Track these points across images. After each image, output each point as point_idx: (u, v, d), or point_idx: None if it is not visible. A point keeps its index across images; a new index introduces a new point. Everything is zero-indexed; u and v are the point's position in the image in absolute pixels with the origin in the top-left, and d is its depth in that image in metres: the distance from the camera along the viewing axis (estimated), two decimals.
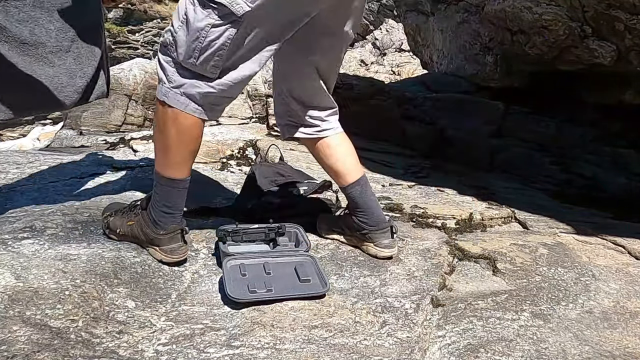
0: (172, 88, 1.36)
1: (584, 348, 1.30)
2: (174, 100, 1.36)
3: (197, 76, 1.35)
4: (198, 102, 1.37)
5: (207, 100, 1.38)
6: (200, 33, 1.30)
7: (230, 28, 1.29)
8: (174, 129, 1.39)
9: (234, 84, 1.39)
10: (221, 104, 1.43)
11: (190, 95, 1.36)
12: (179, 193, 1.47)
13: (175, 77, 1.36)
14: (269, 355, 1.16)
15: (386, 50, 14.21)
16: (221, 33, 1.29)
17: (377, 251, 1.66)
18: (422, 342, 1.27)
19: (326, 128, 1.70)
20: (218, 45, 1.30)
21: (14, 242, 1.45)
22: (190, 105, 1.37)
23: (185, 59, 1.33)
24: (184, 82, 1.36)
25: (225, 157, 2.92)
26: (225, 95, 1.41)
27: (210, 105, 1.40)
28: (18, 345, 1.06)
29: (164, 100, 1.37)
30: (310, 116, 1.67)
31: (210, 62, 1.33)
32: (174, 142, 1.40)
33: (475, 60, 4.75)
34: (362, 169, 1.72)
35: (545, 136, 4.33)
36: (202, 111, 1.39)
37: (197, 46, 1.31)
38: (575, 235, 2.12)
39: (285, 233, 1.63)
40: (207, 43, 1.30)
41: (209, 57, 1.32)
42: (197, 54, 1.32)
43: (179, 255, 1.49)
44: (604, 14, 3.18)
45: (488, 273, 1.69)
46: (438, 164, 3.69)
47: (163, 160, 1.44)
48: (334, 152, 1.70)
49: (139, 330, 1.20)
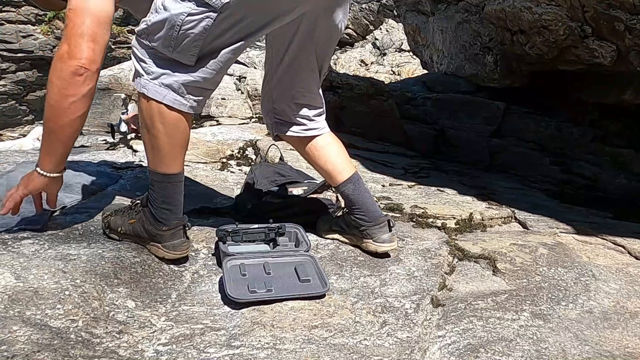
0: (151, 80, 1.36)
1: (584, 348, 1.30)
2: (153, 91, 1.36)
3: (175, 65, 1.35)
4: (177, 91, 1.37)
5: (185, 90, 1.37)
6: (176, 21, 1.30)
7: (207, 18, 1.30)
8: (161, 125, 1.39)
9: (212, 71, 1.38)
10: (200, 95, 1.42)
11: (168, 85, 1.36)
12: (175, 187, 1.47)
13: (152, 68, 1.36)
14: (269, 355, 1.16)
15: (386, 50, 14.21)
16: (198, 22, 1.30)
17: (376, 247, 1.66)
18: (422, 342, 1.27)
19: (313, 127, 1.70)
20: (195, 34, 1.31)
21: (14, 242, 1.45)
22: (169, 95, 1.36)
23: (162, 47, 1.34)
24: (161, 72, 1.36)
25: (225, 157, 2.92)
26: (204, 85, 1.40)
27: (190, 95, 1.39)
28: (18, 345, 1.06)
29: (144, 93, 1.37)
30: (299, 115, 1.68)
31: (187, 51, 1.33)
32: (162, 137, 1.40)
33: (475, 60, 4.75)
34: (353, 166, 1.73)
35: (545, 136, 4.33)
36: (181, 102, 1.38)
37: (173, 34, 1.31)
38: (575, 235, 2.12)
39: (285, 233, 1.63)
40: (184, 32, 1.30)
41: (186, 45, 1.32)
42: (174, 42, 1.32)
43: (182, 251, 1.49)
44: (604, 14, 3.18)
45: (488, 273, 1.69)
46: (438, 164, 3.69)
47: (154, 157, 1.44)
48: (323, 152, 1.71)
49: (139, 330, 1.20)
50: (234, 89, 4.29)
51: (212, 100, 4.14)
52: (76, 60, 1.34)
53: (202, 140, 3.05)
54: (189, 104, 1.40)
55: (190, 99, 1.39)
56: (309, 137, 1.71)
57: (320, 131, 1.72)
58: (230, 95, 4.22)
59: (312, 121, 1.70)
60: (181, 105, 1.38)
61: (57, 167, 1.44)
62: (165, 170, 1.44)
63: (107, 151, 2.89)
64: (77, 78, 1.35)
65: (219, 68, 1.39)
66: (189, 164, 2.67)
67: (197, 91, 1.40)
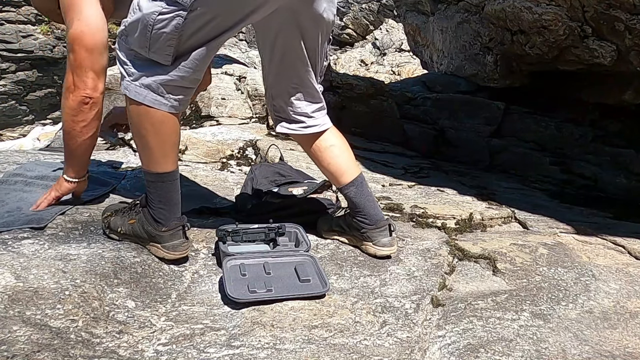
0: (132, 81, 1.38)
1: (584, 348, 1.30)
2: (134, 92, 1.37)
3: (153, 65, 1.36)
4: (156, 91, 1.37)
5: (165, 90, 1.38)
6: (148, 21, 1.31)
7: (178, 17, 1.30)
8: (148, 125, 1.40)
9: (189, 70, 1.38)
10: (181, 94, 1.41)
11: (147, 86, 1.37)
12: (171, 186, 1.47)
13: (132, 70, 1.38)
14: (269, 355, 1.16)
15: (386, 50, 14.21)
16: (169, 21, 1.30)
17: (376, 250, 1.66)
18: (422, 342, 1.27)
19: (312, 125, 1.68)
20: (167, 33, 1.31)
21: (14, 242, 1.45)
22: (149, 95, 1.37)
23: (139, 48, 1.35)
24: (140, 73, 1.37)
25: (225, 157, 2.92)
26: (183, 84, 1.40)
27: (170, 95, 1.39)
28: (18, 345, 1.06)
29: (126, 94, 1.39)
30: (296, 111, 1.67)
31: (163, 51, 1.34)
32: (151, 138, 1.41)
33: (475, 60, 4.75)
34: (358, 168, 1.72)
35: (545, 136, 4.33)
36: (161, 102, 1.38)
37: (147, 34, 1.32)
38: (575, 235, 2.12)
39: (285, 233, 1.63)
40: (157, 31, 1.31)
41: (160, 45, 1.33)
42: (149, 42, 1.33)
43: (181, 251, 1.49)
44: (604, 14, 3.19)
45: (488, 273, 1.69)
46: (438, 164, 3.69)
47: (146, 157, 1.45)
48: (328, 153, 1.69)
49: (139, 330, 1.20)
50: (234, 89, 4.28)
51: (212, 100, 4.14)
52: (81, 90, 1.55)
53: (202, 140, 3.04)
54: (170, 104, 1.40)
55: (171, 98, 1.39)
56: (310, 134, 1.69)
57: (321, 127, 1.69)
58: (230, 95, 4.22)
59: (310, 118, 1.68)
60: (161, 105, 1.38)
61: (79, 173, 1.68)
62: (159, 170, 1.44)
63: (107, 151, 2.89)
64: (84, 106, 1.57)
65: (196, 66, 1.39)
66: (189, 164, 2.67)
67: (177, 90, 1.40)
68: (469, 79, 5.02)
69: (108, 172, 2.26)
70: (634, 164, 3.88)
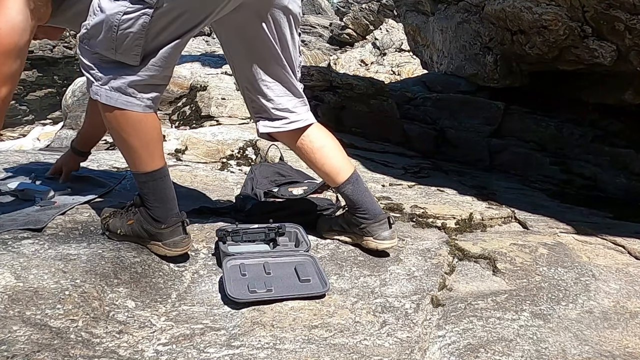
0: (101, 85, 1.35)
1: (584, 348, 1.30)
2: (105, 97, 1.35)
3: (120, 67, 1.34)
4: (127, 93, 1.35)
5: (136, 90, 1.35)
6: (113, 22, 1.28)
7: (144, 15, 1.28)
8: (126, 127, 1.38)
9: (159, 68, 1.36)
10: (153, 92, 1.39)
11: (117, 88, 1.34)
12: (163, 183, 1.46)
13: (99, 74, 1.34)
14: (269, 355, 1.16)
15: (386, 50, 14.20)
16: (135, 20, 1.28)
17: (377, 244, 1.66)
18: (422, 342, 1.27)
19: (295, 120, 1.66)
20: (134, 32, 1.29)
21: (14, 242, 1.45)
22: (120, 98, 1.35)
23: (104, 50, 1.32)
24: (108, 76, 1.34)
25: (225, 157, 2.92)
26: (154, 82, 1.38)
27: (142, 94, 1.37)
28: (18, 345, 1.06)
29: (97, 100, 1.36)
30: (276, 108, 1.64)
31: (130, 51, 1.31)
32: (132, 139, 1.39)
33: (475, 60, 4.75)
34: (352, 165, 1.71)
35: (545, 136, 4.33)
36: (134, 103, 1.36)
37: (112, 35, 1.29)
38: (575, 235, 2.12)
39: (285, 233, 1.63)
40: (122, 31, 1.28)
41: (128, 45, 1.30)
42: (115, 44, 1.30)
43: (183, 247, 1.49)
44: (604, 14, 3.19)
45: (488, 273, 1.69)
46: (438, 164, 3.69)
47: (131, 158, 1.44)
48: (320, 154, 1.67)
49: (139, 330, 1.20)
50: (234, 89, 4.29)
51: (212, 100, 4.14)
52: None
53: (202, 140, 3.05)
54: (144, 104, 1.38)
55: (143, 97, 1.37)
56: (294, 131, 1.66)
57: (304, 122, 1.66)
58: (230, 95, 4.22)
59: (292, 113, 1.65)
60: (135, 106, 1.36)
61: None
62: (147, 169, 1.43)
63: (107, 151, 2.89)
64: None
65: (165, 64, 1.37)
66: (189, 164, 2.67)
67: (149, 88, 1.38)
68: (469, 79, 5.02)
69: (108, 173, 2.26)
70: (634, 164, 3.88)
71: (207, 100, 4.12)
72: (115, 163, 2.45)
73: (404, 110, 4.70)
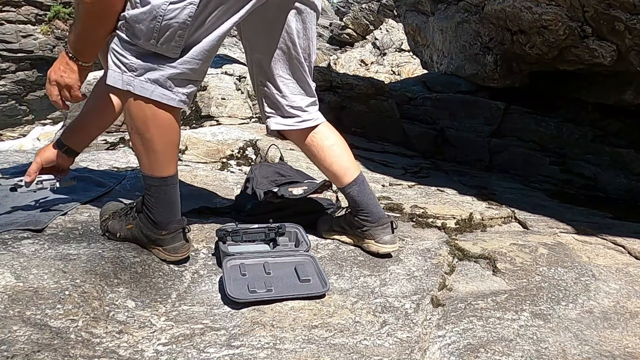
0: (136, 76, 1.30)
1: (584, 348, 1.30)
2: (139, 88, 1.30)
3: (159, 58, 1.30)
4: (164, 86, 1.32)
5: (173, 83, 1.33)
6: (158, 12, 1.25)
7: (190, 4, 1.26)
8: (154, 127, 1.34)
9: (199, 61, 1.34)
10: (189, 87, 1.37)
11: (155, 80, 1.30)
12: (174, 189, 1.46)
13: (136, 65, 1.30)
14: (269, 355, 1.16)
15: (386, 50, 14.21)
16: (181, 10, 1.26)
17: (378, 247, 1.66)
18: (422, 342, 1.27)
19: (307, 119, 1.65)
20: (179, 23, 1.26)
21: (14, 242, 1.45)
22: (156, 90, 1.31)
23: (145, 41, 1.28)
24: (146, 66, 1.30)
25: (225, 157, 2.92)
26: (192, 77, 1.36)
27: (178, 89, 1.34)
28: (18, 345, 1.06)
29: (129, 90, 1.31)
30: (290, 106, 1.63)
31: (171, 42, 1.28)
32: (157, 140, 1.36)
33: (475, 60, 4.75)
34: (358, 167, 1.71)
35: (545, 136, 4.34)
36: (170, 97, 1.33)
37: (156, 26, 1.26)
38: (575, 235, 2.12)
39: (285, 233, 1.63)
40: (167, 21, 1.26)
41: (170, 36, 1.27)
42: (157, 34, 1.27)
43: (182, 253, 1.49)
44: (604, 14, 3.19)
45: (488, 273, 1.69)
46: (438, 164, 3.69)
47: (150, 161, 1.40)
48: (328, 153, 1.67)
49: (139, 330, 1.20)
50: (234, 88, 4.29)
51: (212, 100, 4.14)
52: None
53: (202, 140, 3.04)
54: (179, 98, 1.35)
55: (179, 92, 1.34)
56: (305, 130, 1.66)
57: (315, 122, 1.66)
58: (230, 95, 4.22)
59: (305, 112, 1.65)
60: (170, 99, 1.33)
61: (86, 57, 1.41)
62: (162, 174, 1.42)
63: (107, 151, 2.89)
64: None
65: (205, 57, 1.35)
66: (189, 164, 2.67)
67: (185, 83, 1.35)
68: (469, 79, 5.03)
69: (108, 173, 2.26)
70: (634, 164, 3.88)
71: (207, 100, 4.11)
72: (115, 163, 2.45)
73: (404, 110, 4.70)
